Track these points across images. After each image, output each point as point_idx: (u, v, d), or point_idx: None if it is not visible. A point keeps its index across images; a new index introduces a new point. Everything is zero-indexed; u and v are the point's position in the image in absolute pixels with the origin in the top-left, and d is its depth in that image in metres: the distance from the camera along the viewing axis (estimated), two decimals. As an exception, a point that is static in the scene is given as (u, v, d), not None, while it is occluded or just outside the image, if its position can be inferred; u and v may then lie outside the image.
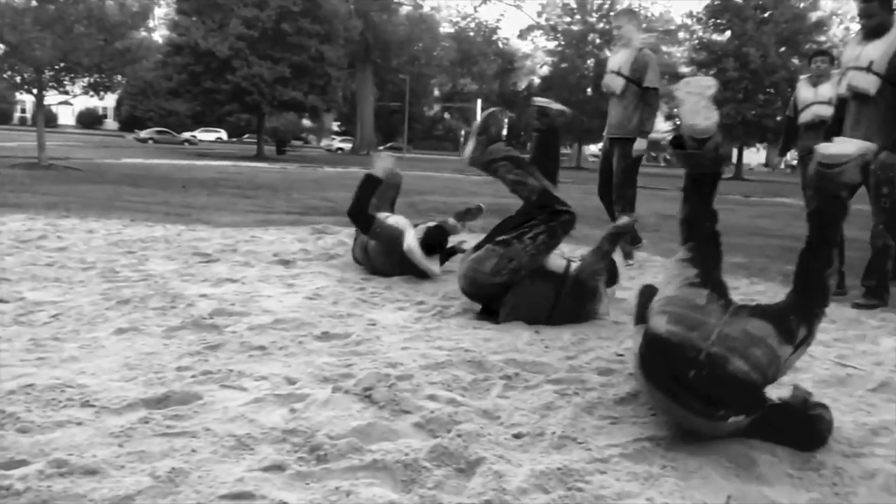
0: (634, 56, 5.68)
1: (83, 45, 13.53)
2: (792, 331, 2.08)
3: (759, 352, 2.01)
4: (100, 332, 3.07)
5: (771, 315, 2.12)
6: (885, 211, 4.37)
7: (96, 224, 6.39)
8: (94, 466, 1.85)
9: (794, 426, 2.15)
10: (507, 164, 3.66)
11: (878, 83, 4.25)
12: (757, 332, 2.04)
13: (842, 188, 2.12)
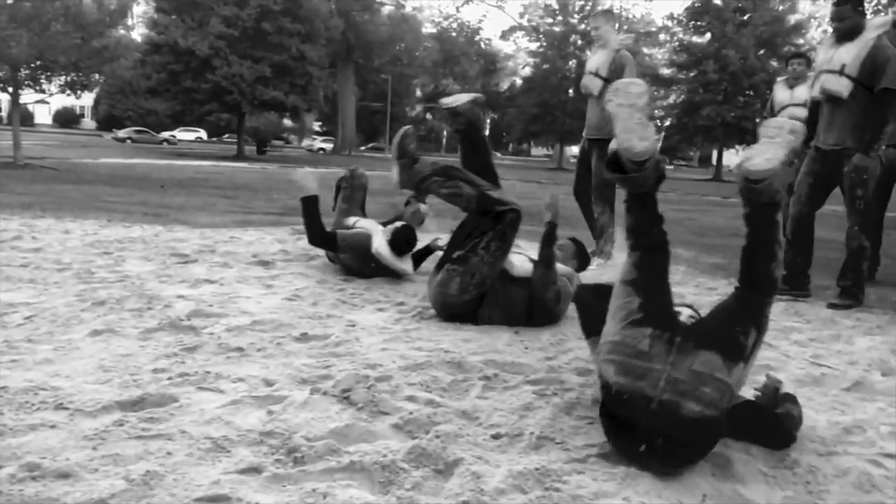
0: (612, 57, 5.71)
1: (60, 42, 13.35)
2: (740, 344, 1.98)
3: (711, 389, 1.92)
4: (75, 334, 3.04)
5: (717, 339, 1.98)
6: (859, 212, 4.42)
7: (72, 224, 6.31)
8: (68, 470, 1.82)
9: (762, 426, 2.16)
10: (437, 180, 3.57)
11: (850, 86, 4.30)
12: (706, 368, 1.93)
13: (773, 196, 2.04)
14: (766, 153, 2.03)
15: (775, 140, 2.05)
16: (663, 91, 43.96)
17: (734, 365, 1.95)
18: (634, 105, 2.14)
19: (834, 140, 4.43)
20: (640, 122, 2.11)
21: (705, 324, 2.12)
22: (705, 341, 1.98)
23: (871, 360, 3.29)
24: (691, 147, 57.53)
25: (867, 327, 3.99)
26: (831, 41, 4.54)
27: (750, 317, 2.05)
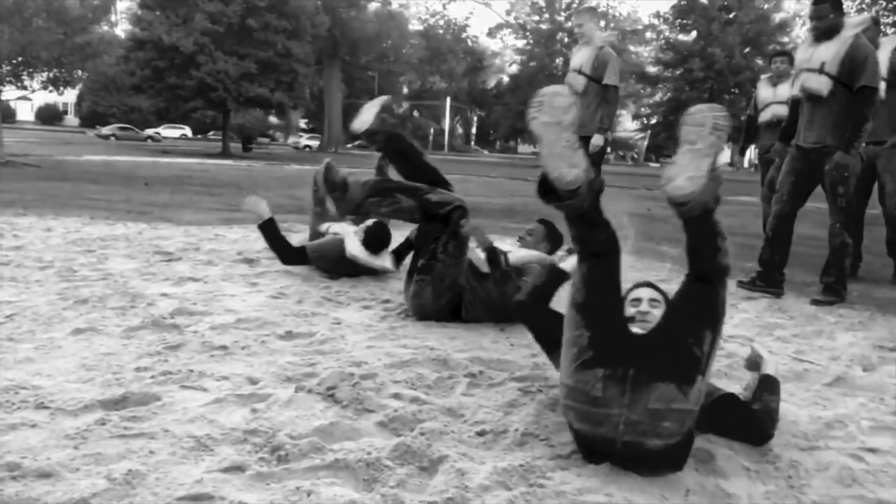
0: (595, 54, 5.73)
1: (42, 38, 13.25)
2: (696, 357, 1.90)
3: (670, 422, 1.86)
4: (56, 333, 3.01)
5: (671, 364, 1.89)
6: (841, 210, 4.45)
7: (54, 222, 6.26)
8: (49, 469, 1.81)
9: (740, 422, 2.16)
10: (374, 201, 3.49)
11: (830, 84, 4.33)
12: (662, 403, 1.84)
13: (704, 208, 1.96)
14: (688, 170, 1.89)
15: (697, 147, 1.90)
16: (650, 89, 44.21)
17: (691, 387, 1.87)
18: (561, 123, 1.97)
19: (815, 138, 4.46)
20: (567, 145, 1.96)
21: (659, 340, 1.96)
22: (659, 371, 1.87)
23: (853, 355, 3.32)
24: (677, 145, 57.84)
25: (849, 323, 4.03)
26: (810, 40, 4.57)
27: (704, 315, 1.97)
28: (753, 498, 1.85)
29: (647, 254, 6.50)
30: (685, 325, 1.96)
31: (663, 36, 43.90)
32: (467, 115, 75.86)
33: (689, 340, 1.92)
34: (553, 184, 1.98)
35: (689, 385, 1.87)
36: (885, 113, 5.35)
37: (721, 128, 1.91)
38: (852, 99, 4.30)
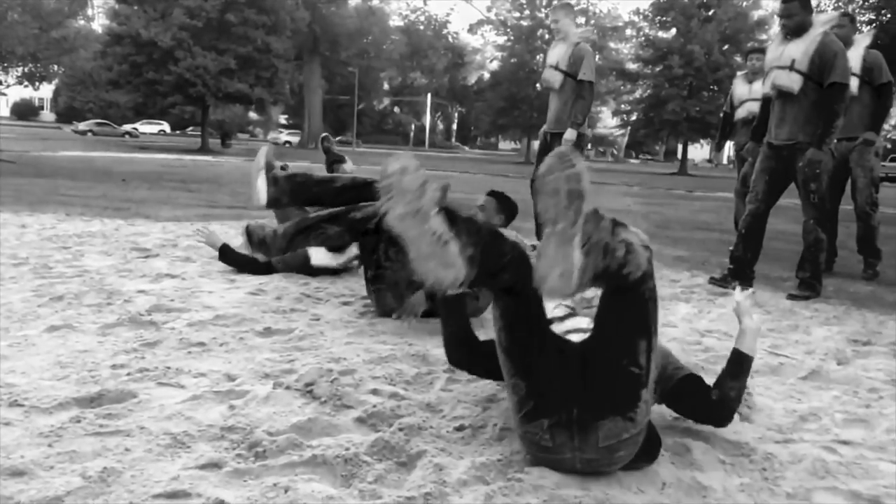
0: (571, 50, 5.75)
1: (17, 33, 13.06)
2: (634, 375, 1.80)
3: (625, 450, 1.82)
4: (31, 330, 2.97)
5: (613, 396, 1.80)
6: (814, 206, 4.51)
7: (29, 218, 6.17)
8: (22, 468, 1.79)
9: (696, 407, 2.14)
10: (299, 238, 3.41)
11: (800, 81, 4.39)
12: (612, 438, 1.79)
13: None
14: (556, 263, 1.60)
15: (559, 229, 1.60)
16: (630, 85, 44.39)
17: (636, 409, 1.80)
18: (420, 210, 1.66)
19: (786, 135, 4.51)
20: (435, 240, 1.66)
21: (595, 371, 1.80)
22: (602, 408, 1.79)
23: (828, 349, 3.37)
24: (657, 141, 58.27)
25: (824, 318, 4.08)
26: (780, 38, 4.63)
27: (632, 327, 1.81)
28: (728, 490, 1.87)
29: (627, 249, 6.54)
30: (616, 347, 1.80)
31: (643, 33, 44.05)
32: (448, 112, 75.88)
33: (623, 362, 1.79)
34: (434, 287, 1.75)
35: (634, 409, 1.80)
36: (858, 110, 5.42)
37: (578, 195, 1.61)
38: (823, 95, 4.36)
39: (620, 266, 1.70)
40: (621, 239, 1.71)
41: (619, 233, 1.72)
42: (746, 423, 2.37)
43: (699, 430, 2.22)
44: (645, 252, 1.76)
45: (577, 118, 5.72)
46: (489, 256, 1.76)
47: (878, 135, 5.45)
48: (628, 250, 1.71)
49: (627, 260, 1.70)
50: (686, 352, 3.19)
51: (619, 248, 1.69)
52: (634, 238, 1.75)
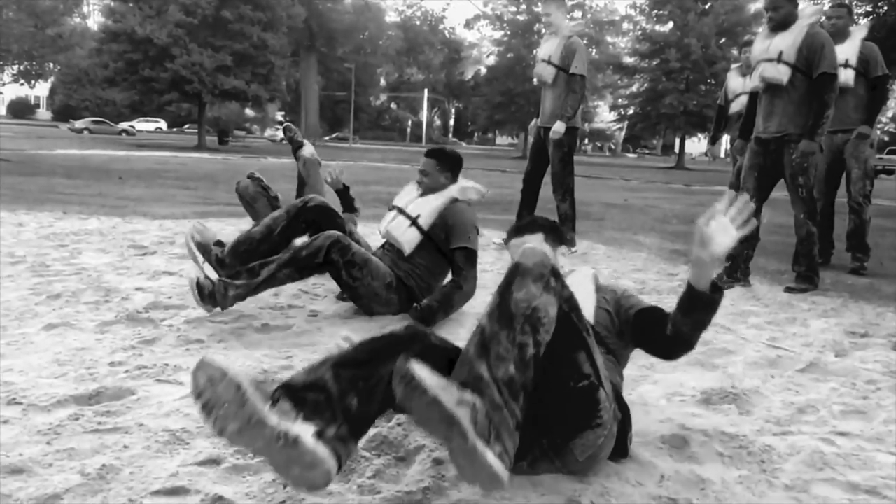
0: (564, 44, 5.73)
1: (12, 31, 13.02)
2: (586, 388, 1.70)
3: (606, 447, 1.81)
4: (28, 328, 2.97)
5: (576, 420, 1.74)
6: (803, 200, 4.50)
7: (26, 217, 6.16)
8: (21, 465, 1.79)
9: (650, 340, 2.03)
10: (261, 288, 3.19)
11: (788, 73, 4.39)
12: (590, 449, 1.77)
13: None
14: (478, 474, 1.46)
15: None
16: (626, 79, 44.36)
17: (599, 411, 1.73)
18: (252, 418, 1.47)
19: (775, 128, 4.51)
20: (282, 443, 1.46)
21: (549, 405, 1.71)
22: (568, 431, 1.75)
23: (825, 341, 3.37)
24: (654, 135, 58.28)
25: (822, 310, 4.09)
26: (766, 32, 4.62)
27: (566, 345, 1.67)
28: (727, 483, 1.88)
29: (625, 244, 6.55)
30: (556, 376, 1.68)
31: (640, 27, 44.03)
32: (445, 107, 75.82)
33: (570, 384, 1.69)
34: None
35: (597, 414, 1.73)
36: (853, 102, 5.42)
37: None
38: (811, 87, 4.37)
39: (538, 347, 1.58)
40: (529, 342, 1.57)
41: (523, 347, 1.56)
42: (745, 415, 2.38)
43: (697, 424, 2.23)
44: (549, 295, 1.61)
45: (568, 111, 5.70)
46: (370, 400, 1.63)
47: (872, 127, 5.44)
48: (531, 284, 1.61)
49: (542, 339, 1.59)
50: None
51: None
52: (540, 299, 1.60)
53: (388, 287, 3.38)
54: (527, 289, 1.59)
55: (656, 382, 2.69)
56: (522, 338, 1.55)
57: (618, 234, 7.34)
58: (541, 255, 1.65)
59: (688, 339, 1.91)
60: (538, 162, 6.05)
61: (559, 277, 1.67)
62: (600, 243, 6.51)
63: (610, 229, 7.68)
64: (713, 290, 1.80)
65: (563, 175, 5.83)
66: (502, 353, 1.53)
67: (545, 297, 1.61)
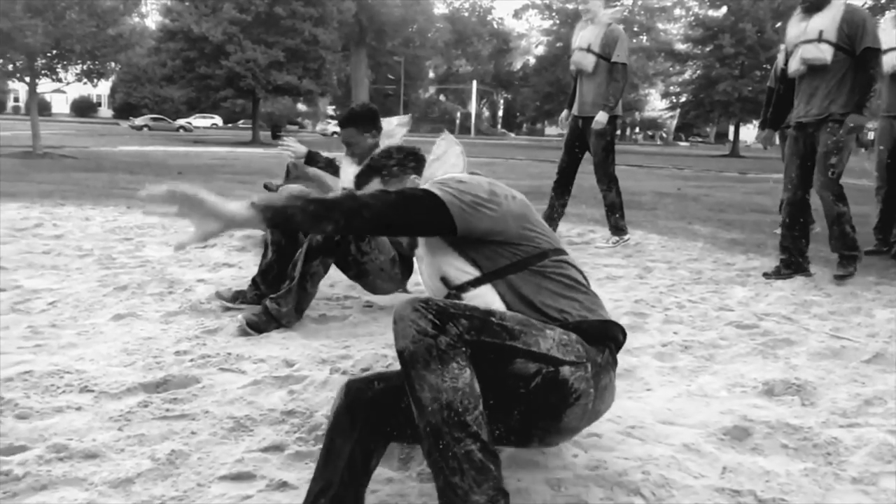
0: (604, 31, 5.62)
1: (75, 31, 13.41)
2: (541, 385, 1.50)
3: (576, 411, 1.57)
4: (98, 319, 3.08)
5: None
6: (832, 182, 4.34)
7: (93, 211, 6.38)
8: (94, 450, 1.86)
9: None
10: (310, 293, 3.12)
11: (831, 51, 4.28)
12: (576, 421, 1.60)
13: None
14: None
15: None
16: (678, 66, 43.46)
17: (573, 395, 1.53)
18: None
19: (817, 110, 4.38)
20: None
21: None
22: (547, 431, 1.61)
23: (891, 331, 3.27)
24: (707, 123, 56.99)
25: (888, 299, 3.96)
26: (800, 15, 4.50)
27: (502, 371, 1.49)
28: (792, 475, 1.84)
29: (679, 233, 6.44)
30: (510, 392, 1.51)
31: (692, 12, 43.05)
32: (493, 98, 75.53)
33: (526, 391, 1.51)
34: None
35: (571, 390, 1.52)
36: None
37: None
38: (852, 65, 4.26)
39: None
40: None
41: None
42: (808, 407, 2.32)
43: (759, 415, 2.19)
44: (451, 365, 1.41)
45: (610, 101, 5.59)
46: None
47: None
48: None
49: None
50: (742, 336, 3.14)
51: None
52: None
53: (392, 262, 3.28)
54: (426, 382, 1.38)
55: (716, 373, 2.65)
56: (460, 447, 1.37)
57: (672, 223, 7.22)
58: (408, 318, 1.42)
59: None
60: (573, 153, 5.92)
61: (445, 316, 1.42)
62: (654, 233, 6.41)
63: (663, 219, 7.56)
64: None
65: (606, 165, 5.72)
66: (454, 465, 1.37)
67: (449, 376, 1.38)
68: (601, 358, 1.60)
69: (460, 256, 1.66)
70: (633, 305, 3.63)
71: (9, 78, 15.68)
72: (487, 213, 1.62)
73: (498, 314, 1.51)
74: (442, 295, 1.67)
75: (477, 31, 64.62)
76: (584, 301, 1.66)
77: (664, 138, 71.56)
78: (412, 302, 1.44)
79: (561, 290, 1.64)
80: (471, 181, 1.67)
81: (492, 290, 1.63)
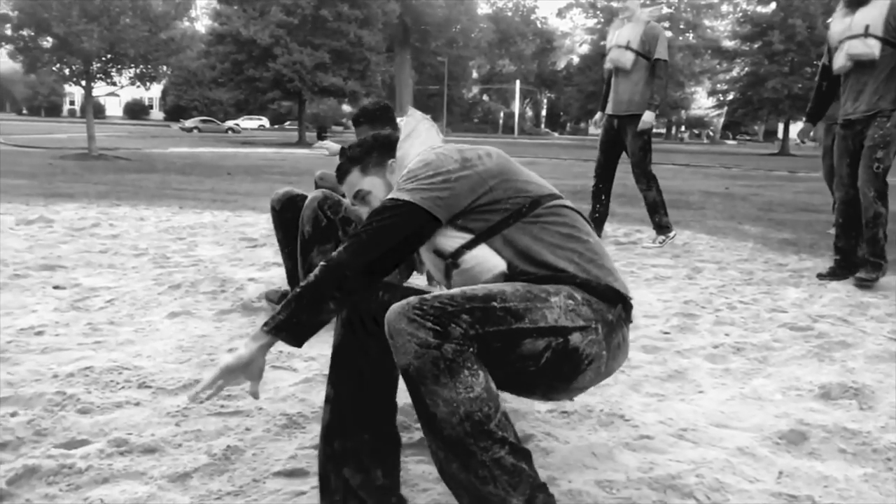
0: (643, 29, 5.55)
1: (129, 36, 13.78)
2: (553, 358, 1.41)
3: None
4: (153, 316, 3.16)
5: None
6: (876, 177, 4.20)
7: (147, 211, 6.54)
8: (153, 445, 1.91)
9: None
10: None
11: (879, 46, 4.15)
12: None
13: None
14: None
15: None
16: (726, 64, 42.64)
17: (586, 360, 1.45)
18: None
19: (866, 107, 4.26)
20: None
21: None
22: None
23: (955, 336, 3.16)
24: (756, 121, 55.83)
25: (950, 303, 3.83)
26: (844, 10, 4.37)
27: (513, 354, 1.40)
28: (851, 480, 1.80)
29: (729, 233, 6.33)
30: (524, 371, 1.43)
31: (740, 8, 42.22)
32: (537, 98, 75.16)
33: (537, 367, 1.41)
34: None
35: (583, 357, 1.44)
36: None
37: None
38: None
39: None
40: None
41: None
42: (867, 411, 2.26)
43: (816, 419, 2.14)
44: (464, 373, 1.31)
45: (656, 99, 5.51)
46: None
47: None
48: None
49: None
50: (797, 338, 3.07)
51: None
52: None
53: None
54: (439, 398, 1.30)
55: (769, 376, 2.60)
56: (488, 455, 1.30)
57: (721, 223, 7.10)
58: (405, 332, 1.32)
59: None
60: (610, 154, 5.83)
61: (445, 317, 1.32)
62: (703, 233, 6.31)
63: (712, 218, 7.44)
64: None
65: (644, 164, 5.64)
66: (485, 475, 1.30)
67: (463, 386, 1.30)
68: (612, 314, 1.50)
69: (448, 227, 1.56)
70: (682, 306, 3.59)
71: (66, 82, 16.18)
72: (464, 182, 1.54)
73: (499, 295, 1.39)
74: (441, 268, 1.61)
75: (520, 31, 64.39)
76: (583, 252, 1.54)
77: (711, 136, 70.32)
78: (405, 311, 1.33)
79: (558, 240, 1.54)
80: (437, 158, 1.58)
81: (488, 249, 1.53)
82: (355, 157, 1.83)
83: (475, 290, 1.39)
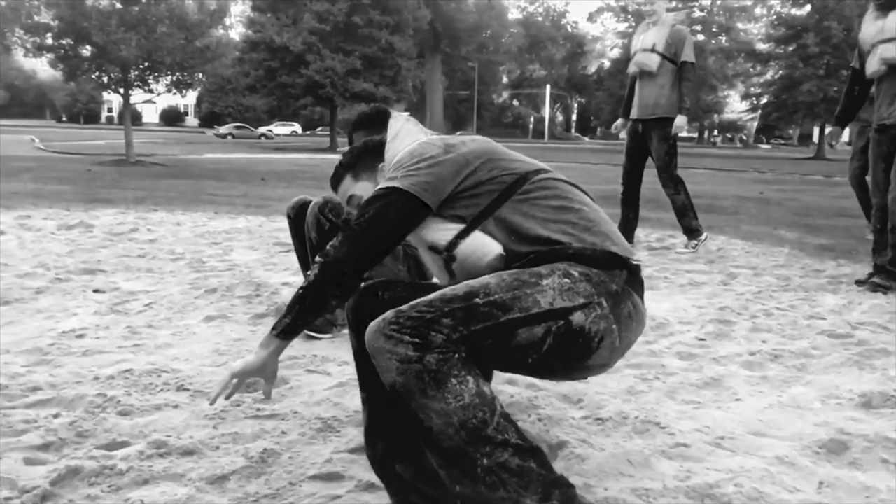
0: (669, 32, 5.50)
1: (166, 44, 14.01)
2: (556, 343, 1.38)
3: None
4: (191, 320, 3.21)
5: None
6: None
7: (183, 217, 6.65)
8: (192, 447, 1.94)
9: None
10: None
11: None
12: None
13: None
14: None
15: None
16: (759, 67, 42.06)
17: (594, 340, 1.41)
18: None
19: None
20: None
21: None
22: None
23: None
24: (790, 125, 54.97)
25: None
26: (875, 14, 4.27)
27: (509, 347, 1.37)
28: (894, 491, 1.76)
29: (764, 238, 6.25)
30: (526, 359, 1.41)
31: (774, 11, 41.63)
32: (567, 102, 74.85)
33: (539, 354, 1.39)
34: None
35: (590, 336, 1.39)
36: None
37: None
38: None
39: None
40: None
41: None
42: (910, 422, 2.22)
43: (857, 429, 2.10)
44: (457, 377, 1.30)
45: (686, 102, 5.46)
46: None
47: None
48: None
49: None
50: (836, 345, 3.02)
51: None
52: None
53: (395, 258, 3.09)
54: (431, 410, 1.29)
55: (808, 384, 2.56)
56: (491, 460, 1.28)
57: (755, 228, 7.00)
58: (384, 350, 1.31)
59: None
60: (637, 160, 5.75)
61: (423, 326, 1.29)
62: (738, 238, 6.23)
63: (746, 223, 7.34)
64: None
65: (669, 168, 5.56)
66: (492, 481, 1.29)
67: (452, 396, 1.28)
68: (615, 283, 1.45)
69: (437, 217, 1.54)
70: (717, 312, 3.54)
71: (104, 90, 16.49)
72: (448, 164, 1.53)
73: (482, 290, 1.35)
74: (440, 265, 1.60)
75: (551, 36, 64.24)
76: (577, 221, 1.51)
77: (744, 140, 69.40)
78: (381, 328, 1.31)
79: (550, 214, 1.51)
80: (421, 146, 1.60)
81: (481, 234, 1.51)
82: (347, 164, 1.85)
83: (455, 290, 1.36)
